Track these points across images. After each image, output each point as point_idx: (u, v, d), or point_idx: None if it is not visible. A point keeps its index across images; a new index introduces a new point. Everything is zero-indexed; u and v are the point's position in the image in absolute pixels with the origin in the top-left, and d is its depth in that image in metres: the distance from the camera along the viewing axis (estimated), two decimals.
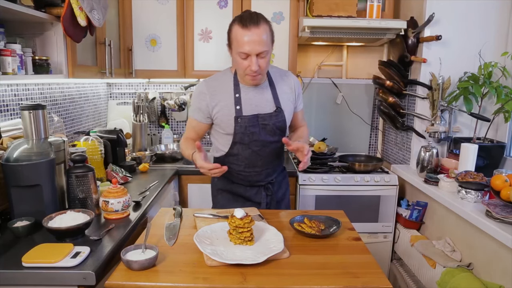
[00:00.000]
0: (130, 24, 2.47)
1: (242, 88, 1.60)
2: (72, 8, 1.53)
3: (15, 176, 1.28)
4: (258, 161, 1.66)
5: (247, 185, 1.72)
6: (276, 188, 1.78)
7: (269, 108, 1.61)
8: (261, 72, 1.51)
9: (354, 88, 2.88)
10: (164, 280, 1.04)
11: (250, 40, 1.42)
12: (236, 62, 1.53)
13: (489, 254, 1.62)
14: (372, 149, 3.02)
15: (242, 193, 1.73)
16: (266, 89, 1.63)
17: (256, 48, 1.43)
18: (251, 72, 1.49)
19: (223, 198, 1.75)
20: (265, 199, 1.73)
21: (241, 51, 1.45)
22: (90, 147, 1.85)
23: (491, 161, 2.07)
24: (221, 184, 1.76)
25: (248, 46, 1.43)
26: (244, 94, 1.60)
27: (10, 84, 1.72)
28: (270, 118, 1.60)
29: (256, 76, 1.51)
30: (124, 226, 1.39)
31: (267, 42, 1.47)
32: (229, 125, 1.59)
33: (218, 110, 1.59)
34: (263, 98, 1.61)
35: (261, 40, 1.43)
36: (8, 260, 1.11)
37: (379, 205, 2.38)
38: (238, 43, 1.46)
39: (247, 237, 1.21)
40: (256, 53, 1.44)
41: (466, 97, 2.11)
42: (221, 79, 1.64)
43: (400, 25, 2.31)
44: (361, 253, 1.23)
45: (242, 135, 1.59)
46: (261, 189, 1.72)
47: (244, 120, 1.57)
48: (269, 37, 1.48)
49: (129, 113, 2.72)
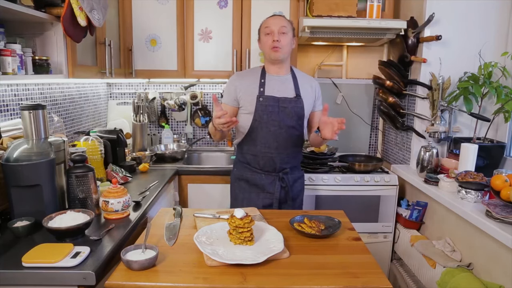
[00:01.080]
0: (130, 24, 2.47)
1: (268, 76, 1.83)
2: (72, 8, 1.53)
3: (15, 176, 1.28)
4: (273, 142, 1.79)
5: (262, 172, 1.83)
6: (292, 182, 1.87)
7: (289, 94, 1.81)
8: (282, 46, 1.75)
9: (354, 88, 2.88)
10: (164, 280, 1.04)
11: (273, 21, 1.78)
12: (263, 43, 1.80)
13: (489, 254, 1.62)
14: (372, 149, 3.02)
15: (258, 181, 1.83)
16: (289, 79, 1.84)
17: (277, 23, 1.75)
18: (273, 43, 1.74)
19: (239, 186, 1.89)
20: (279, 190, 1.82)
21: (265, 26, 1.77)
22: (90, 147, 1.85)
23: (491, 161, 2.07)
24: (238, 173, 1.90)
25: (271, 23, 1.77)
26: (269, 80, 1.82)
27: (10, 84, 1.72)
28: (289, 102, 1.79)
29: (277, 48, 1.75)
30: (124, 226, 1.39)
31: (287, 24, 1.78)
32: (251, 104, 1.77)
33: (244, 91, 1.80)
34: (285, 86, 1.82)
35: (281, 21, 1.78)
36: (8, 260, 1.11)
37: (379, 205, 2.38)
38: (264, 26, 1.80)
39: (247, 237, 1.21)
40: (277, 27, 1.75)
41: (466, 97, 2.11)
42: (252, 70, 1.91)
43: (400, 25, 2.31)
44: (361, 253, 1.23)
45: (262, 113, 1.76)
46: (276, 179, 1.82)
47: (265, 99, 1.76)
48: (289, 25, 1.79)
49: (129, 113, 2.72)
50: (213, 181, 2.35)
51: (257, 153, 1.82)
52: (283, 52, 1.76)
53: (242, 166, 1.88)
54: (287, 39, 1.76)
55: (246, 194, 1.85)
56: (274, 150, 1.79)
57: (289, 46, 1.79)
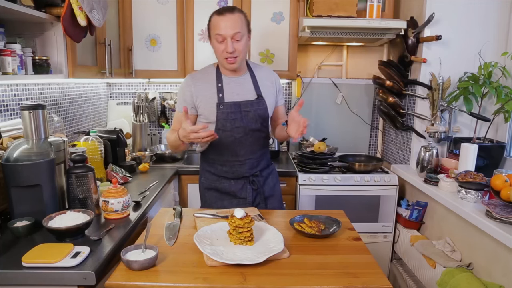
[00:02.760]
0: (130, 24, 2.46)
1: (225, 79, 1.69)
2: (72, 8, 1.53)
3: (15, 176, 1.28)
4: (241, 149, 1.70)
5: (232, 178, 1.74)
6: (262, 183, 1.78)
7: (250, 96, 1.69)
8: (237, 55, 1.59)
9: (354, 88, 2.88)
10: (164, 280, 1.04)
11: (224, 24, 1.55)
12: (215, 49, 1.63)
13: (489, 254, 1.62)
14: (372, 149, 3.02)
15: (228, 189, 1.75)
16: (247, 79, 1.72)
17: (230, 30, 1.55)
18: (227, 55, 1.58)
19: (211, 196, 1.78)
20: (251, 194, 1.74)
21: (217, 33, 1.57)
22: (90, 147, 1.85)
23: (491, 161, 2.07)
24: (207, 183, 1.79)
25: (223, 29, 1.55)
26: (226, 84, 1.68)
27: (10, 84, 1.72)
28: (251, 105, 1.67)
29: (233, 59, 1.59)
30: (124, 226, 1.39)
31: (242, 26, 1.58)
32: (211, 113, 1.65)
33: (201, 99, 1.66)
34: (245, 87, 1.70)
35: (235, 23, 1.56)
36: (8, 260, 1.11)
37: (379, 205, 2.38)
38: (214, 28, 1.59)
39: (247, 237, 1.21)
40: (230, 34, 1.55)
41: (466, 97, 2.11)
42: (205, 72, 1.73)
43: (400, 25, 2.31)
44: (361, 253, 1.23)
45: (224, 121, 1.64)
46: (246, 183, 1.74)
47: (226, 107, 1.64)
48: (243, 24, 1.60)
49: (129, 113, 2.72)
50: None
51: (224, 162, 1.72)
52: (239, 61, 1.61)
53: (210, 175, 1.77)
54: (242, 44, 1.58)
55: (219, 203, 1.75)
56: (242, 157, 1.71)
57: (245, 50, 1.63)
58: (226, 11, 1.57)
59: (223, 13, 1.57)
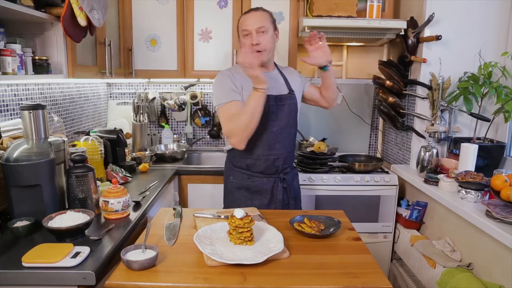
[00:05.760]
0: (130, 24, 2.47)
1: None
2: (72, 8, 1.53)
3: (15, 176, 1.28)
4: (275, 143, 1.72)
5: (264, 176, 1.75)
6: (291, 181, 1.82)
7: (283, 90, 1.76)
8: (263, 48, 1.65)
9: (354, 88, 2.88)
10: (164, 280, 1.04)
11: (249, 20, 1.66)
12: (243, 45, 1.69)
13: (489, 254, 1.62)
14: (372, 149, 3.02)
15: (260, 187, 1.75)
16: (278, 76, 1.79)
17: (254, 25, 1.63)
18: (253, 48, 1.63)
19: (240, 195, 1.77)
20: (281, 192, 1.76)
21: (243, 28, 1.66)
22: (90, 147, 1.84)
23: (491, 161, 2.07)
24: (236, 182, 1.79)
25: (248, 24, 1.65)
26: None
27: (10, 84, 1.72)
28: (285, 100, 1.73)
29: (259, 52, 1.65)
30: (124, 226, 1.39)
31: (266, 20, 1.67)
32: None
33: (243, 86, 1.66)
34: (278, 82, 1.76)
35: (259, 19, 1.65)
36: (8, 260, 1.11)
37: (379, 205, 2.38)
38: (241, 26, 1.68)
39: (247, 237, 1.21)
40: (255, 28, 1.63)
41: (466, 97, 2.11)
42: (235, 69, 1.75)
43: (400, 25, 2.31)
44: (361, 253, 1.23)
45: (262, 114, 1.60)
46: (277, 180, 1.76)
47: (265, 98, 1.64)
48: (268, 20, 1.68)
49: (129, 113, 2.72)
50: (213, 181, 2.34)
51: (258, 156, 1.71)
52: (266, 54, 1.67)
53: (240, 173, 1.77)
54: (267, 37, 1.65)
55: (249, 202, 1.74)
56: (276, 151, 1.72)
57: (271, 43, 1.68)
58: (251, 10, 1.71)
59: (248, 12, 1.70)
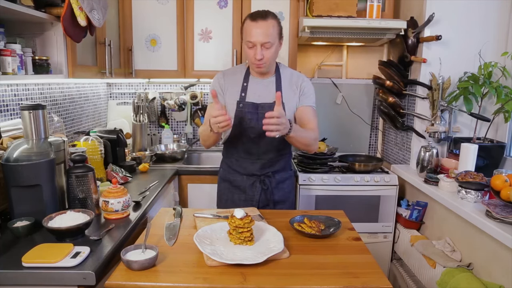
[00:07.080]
0: (130, 24, 2.47)
1: (251, 79, 1.75)
2: (72, 8, 1.53)
3: (15, 176, 1.28)
4: (253, 148, 1.75)
5: (244, 174, 1.79)
6: (275, 184, 1.80)
7: (270, 99, 1.71)
8: (265, 62, 1.63)
9: (354, 88, 2.88)
10: (164, 280, 1.04)
11: (256, 31, 1.57)
12: (245, 52, 1.67)
13: (489, 254, 1.62)
14: (372, 149, 3.02)
15: (239, 183, 1.81)
16: (272, 82, 1.75)
17: (260, 38, 1.57)
18: (255, 61, 1.62)
19: (224, 187, 1.86)
20: (259, 192, 1.77)
21: (248, 40, 1.60)
22: (90, 147, 1.84)
23: (491, 161, 2.07)
24: (223, 174, 1.88)
25: (254, 36, 1.58)
26: (251, 84, 1.74)
27: (10, 84, 1.72)
28: (269, 108, 1.62)
29: (261, 65, 1.64)
30: (124, 226, 1.39)
31: (273, 35, 1.59)
32: (232, 109, 1.71)
33: (227, 93, 1.73)
34: (267, 89, 1.73)
35: (266, 32, 1.57)
36: (8, 260, 1.11)
37: (379, 205, 2.38)
38: (246, 34, 1.62)
39: (247, 237, 1.21)
40: (260, 43, 1.58)
41: (466, 97, 2.11)
42: (236, 70, 1.82)
43: (400, 25, 2.31)
44: (361, 253, 1.23)
45: (241, 119, 1.70)
46: (257, 181, 1.78)
47: (245, 106, 1.70)
48: (275, 31, 1.61)
49: (129, 113, 2.72)
50: (213, 181, 2.33)
51: (238, 158, 1.79)
52: (266, 67, 1.66)
53: (226, 167, 1.86)
54: (271, 51, 1.61)
55: (230, 195, 1.83)
56: (254, 156, 1.76)
57: (274, 57, 1.65)
58: (259, 17, 1.58)
59: (256, 19, 1.57)
